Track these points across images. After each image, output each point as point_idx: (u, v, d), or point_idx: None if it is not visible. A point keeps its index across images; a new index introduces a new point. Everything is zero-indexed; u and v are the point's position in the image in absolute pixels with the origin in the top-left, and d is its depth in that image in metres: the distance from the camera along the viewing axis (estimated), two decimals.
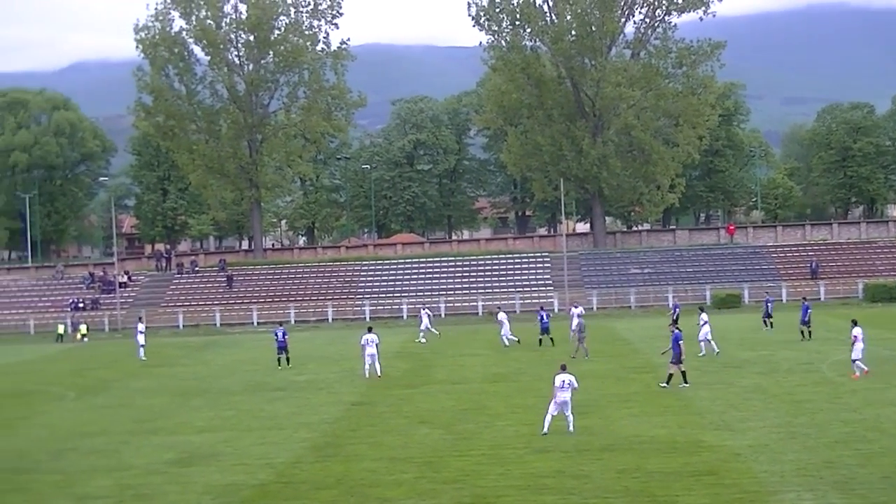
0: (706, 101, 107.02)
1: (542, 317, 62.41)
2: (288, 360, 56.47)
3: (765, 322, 65.86)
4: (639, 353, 55.86)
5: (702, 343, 51.98)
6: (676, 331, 41.95)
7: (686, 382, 41.26)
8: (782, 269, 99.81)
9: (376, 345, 49.50)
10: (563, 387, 32.36)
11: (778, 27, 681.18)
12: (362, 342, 49.74)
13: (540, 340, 60.92)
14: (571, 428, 32.24)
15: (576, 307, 64.60)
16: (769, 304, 67.04)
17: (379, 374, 48.99)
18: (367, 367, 49.39)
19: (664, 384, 41.33)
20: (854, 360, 42.33)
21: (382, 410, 39.59)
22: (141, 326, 68.76)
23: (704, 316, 53.94)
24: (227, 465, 30.63)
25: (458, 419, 36.30)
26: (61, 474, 30.52)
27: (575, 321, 58.06)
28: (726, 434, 31.67)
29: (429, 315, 72.25)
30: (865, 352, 42.57)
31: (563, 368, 32.93)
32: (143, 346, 66.76)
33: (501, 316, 64.52)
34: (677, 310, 68.02)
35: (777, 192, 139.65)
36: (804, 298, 63.73)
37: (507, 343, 62.03)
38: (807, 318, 57.93)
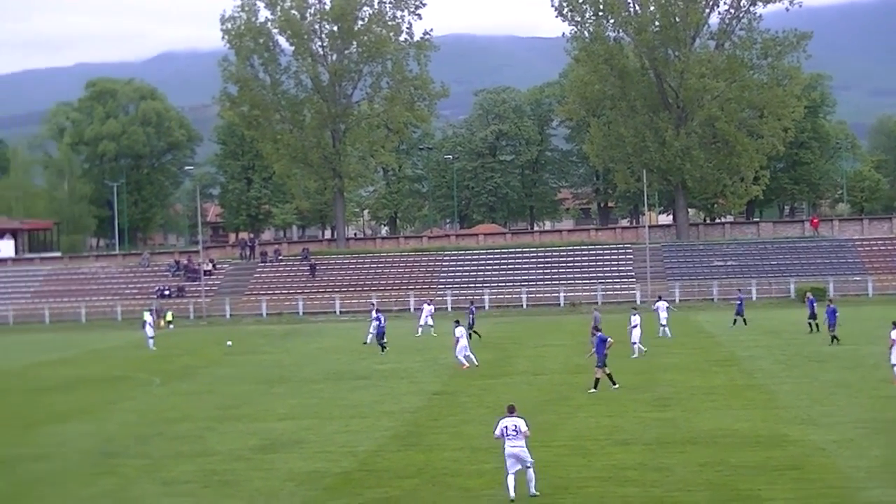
0: (792, 92, 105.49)
1: (471, 311, 64.39)
2: (383, 347, 57.19)
3: (735, 320, 65.12)
4: (722, 346, 55.39)
5: (634, 346, 50.57)
6: (600, 334, 41.13)
7: (614, 384, 40.13)
8: (868, 262, 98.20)
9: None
10: (507, 434, 24.95)
11: (866, 17, 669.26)
12: (457, 335, 49.77)
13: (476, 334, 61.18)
14: (534, 489, 24.71)
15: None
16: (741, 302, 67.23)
17: (477, 363, 49.26)
18: (462, 357, 49.49)
19: (592, 390, 39.93)
20: (894, 365, 39.68)
21: (464, 400, 39.77)
22: (149, 318, 69.06)
23: (636, 318, 52.46)
24: (309, 452, 31.01)
25: (539, 410, 36.22)
26: (148, 459, 31.15)
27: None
28: (810, 428, 31.39)
29: (431, 311, 70.32)
30: None
31: (511, 411, 25.62)
32: (151, 337, 66.97)
33: (375, 314, 64.45)
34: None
35: (863, 185, 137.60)
36: (829, 301, 59.83)
37: (367, 341, 62.25)
38: (834, 321, 53.96)
